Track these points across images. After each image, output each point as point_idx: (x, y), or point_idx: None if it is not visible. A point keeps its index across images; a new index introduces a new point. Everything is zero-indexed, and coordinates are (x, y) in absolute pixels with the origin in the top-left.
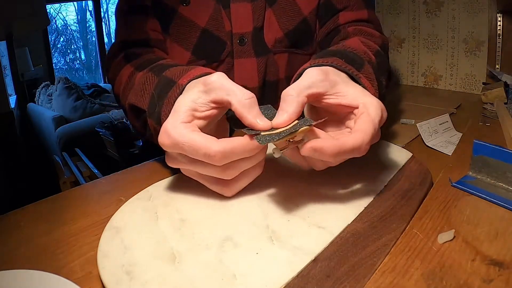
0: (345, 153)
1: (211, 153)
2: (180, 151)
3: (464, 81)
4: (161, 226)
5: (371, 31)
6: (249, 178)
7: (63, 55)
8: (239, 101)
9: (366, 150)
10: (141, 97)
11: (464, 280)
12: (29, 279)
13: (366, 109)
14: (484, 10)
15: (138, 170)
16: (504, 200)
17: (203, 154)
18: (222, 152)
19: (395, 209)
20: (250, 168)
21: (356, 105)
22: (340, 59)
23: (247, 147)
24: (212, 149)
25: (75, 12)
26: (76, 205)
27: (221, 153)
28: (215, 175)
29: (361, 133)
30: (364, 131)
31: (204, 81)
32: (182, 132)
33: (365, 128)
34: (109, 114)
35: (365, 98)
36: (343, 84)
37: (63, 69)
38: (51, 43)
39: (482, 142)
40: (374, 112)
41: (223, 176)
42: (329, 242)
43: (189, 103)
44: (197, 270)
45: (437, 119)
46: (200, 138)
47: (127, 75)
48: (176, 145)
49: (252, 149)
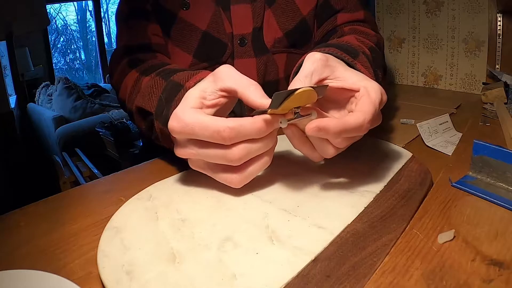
0: (348, 131)
1: (220, 128)
2: (190, 133)
3: (464, 81)
4: (161, 226)
5: (366, 30)
6: (258, 166)
7: (63, 55)
8: (245, 87)
9: (367, 129)
10: (149, 100)
11: (464, 280)
12: (29, 279)
13: (367, 91)
14: (484, 10)
15: (138, 170)
16: (504, 200)
17: (212, 131)
18: (231, 127)
19: (395, 209)
20: (259, 156)
21: (357, 88)
22: (336, 49)
23: (255, 124)
24: (221, 124)
25: (75, 12)
26: (76, 205)
27: (230, 128)
28: (224, 160)
29: (362, 113)
30: (365, 111)
31: (213, 72)
32: (191, 115)
33: (366, 109)
34: (109, 114)
35: (365, 82)
36: (343, 69)
37: (63, 69)
38: (51, 43)
39: (482, 142)
40: (374, 94)
41: (232, 160)
42: (329, 242)
43: (198, 92)
44: (197, 270)
45: (437, 119)
46: (209, 118)
47: (133, 80)
48: (186, 127)
49: (260, 127)
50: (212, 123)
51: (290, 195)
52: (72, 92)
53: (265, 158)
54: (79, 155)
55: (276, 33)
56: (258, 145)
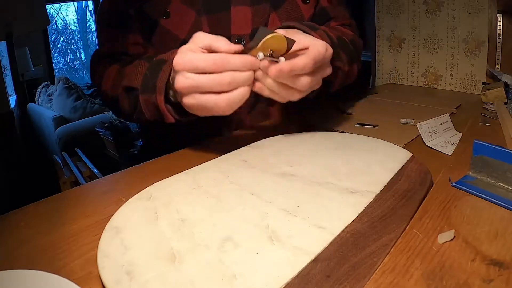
0: (296, 69)
1: (215, 57)
2: (190, 65)
3: (464, 81)
4: (161, 226)
5: (346, 30)
6: (241, 92)
7: (63, 55)
8: (217, 40)
9: (310, 68)
10: (135, 79)
11: (464, 280)
12: (29, 279)
13: (314, 46)
14: (484, 10)
15: (138, 170)
16: (504, 200)
17: (209, 60)
18: (223, 57)
19: (395, 209)
20: (242, 86)
21: (307, 46)
22: (299, 24)
23: (241, 58)
24: (215, 56)
25: (75, 12)
26: (76, 205)
27: (222, 58)
28: (216, 83)
29: (306, 56)
30: (309, 56)
31: (190, 40)
32: (191, 53)
33: (311, 54)
34: (109, 114)
35: (313, 41)
36: (299, 35)
37: (63, 69)
38: (51, 43)
39: (482, 142)
40: (320, 47)
41: (222, 82)
42: (329, 242)
43: (186, 49)
44: (197, 270)
45: (437, 119)
46: (205, 53)
47: (115, 71)
48: (188, 61)
49: (245, 60)
50: (208, 55)
51: (290, 195)
52: (72, 92)
53: (246, 88)
54: (79, 155)
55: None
56: (242, 74)
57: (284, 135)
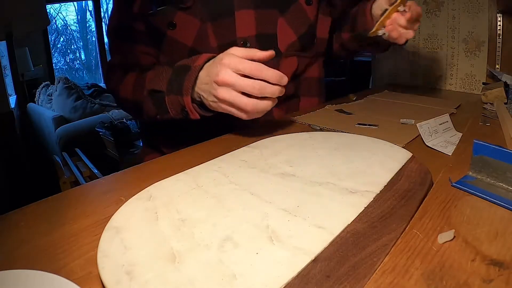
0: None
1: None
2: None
3: (464, 81)
4: (161, 226)
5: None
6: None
7: (63, 55)
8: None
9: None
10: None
11: (464, 280)
12: (29, 279)
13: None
14: (484, 10)
15: (138, 170)
16: (504, 200)
17: (253, 65)
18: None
19: (395, 209)
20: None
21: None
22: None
23: (275, 72)
24: (257, 65)
25: (75, 12)
26: (76, 205)
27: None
28: (248, 85)
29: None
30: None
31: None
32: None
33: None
34: (109, 114)
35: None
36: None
37: (63, 69)
38: (51, 43)
39: (482, 142)
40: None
41: (253, 85)
42: (329, 242)
43: (233, 53)
44: (197, 270)
45: (437, 119)
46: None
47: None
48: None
49: (278, 75)
50: (248, 62)
51: (290, 195)
52: (72, 92)
53: (270, 101)
54: (79, 155)
55: (291, 38)
56: (271, 86)
57: (284, 135)
